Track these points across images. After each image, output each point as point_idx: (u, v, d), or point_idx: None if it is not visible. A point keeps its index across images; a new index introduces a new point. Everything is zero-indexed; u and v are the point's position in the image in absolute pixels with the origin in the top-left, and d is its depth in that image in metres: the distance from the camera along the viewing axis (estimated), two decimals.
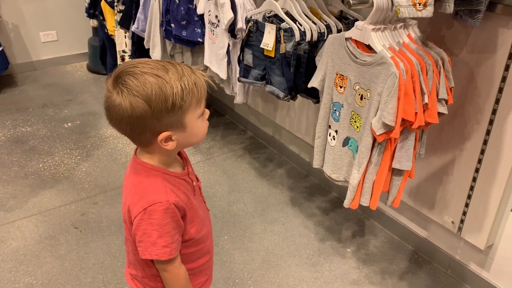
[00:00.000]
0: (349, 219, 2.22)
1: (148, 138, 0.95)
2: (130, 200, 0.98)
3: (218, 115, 3.25)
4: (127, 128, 0.94)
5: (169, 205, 0.95)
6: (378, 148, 1.41)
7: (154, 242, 0.96)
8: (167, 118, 0.92)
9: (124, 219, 1.04)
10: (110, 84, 0.93)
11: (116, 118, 0.93)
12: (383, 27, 1.36)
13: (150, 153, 1.00)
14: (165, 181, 0.99)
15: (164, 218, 0.95)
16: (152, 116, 0.91)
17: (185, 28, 2.34)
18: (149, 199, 0.95)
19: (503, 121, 1.50)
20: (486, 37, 1.46)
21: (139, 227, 0.96)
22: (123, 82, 0.90)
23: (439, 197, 1.78)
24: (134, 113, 0.90)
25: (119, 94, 0.90)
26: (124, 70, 0.92)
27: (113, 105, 0.91)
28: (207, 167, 2.63)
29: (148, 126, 0.93)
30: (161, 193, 0.96)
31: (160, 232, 0.95)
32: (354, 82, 1.44)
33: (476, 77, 1.52)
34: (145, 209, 0.94)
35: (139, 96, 0.89)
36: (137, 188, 0.98)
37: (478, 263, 1.80)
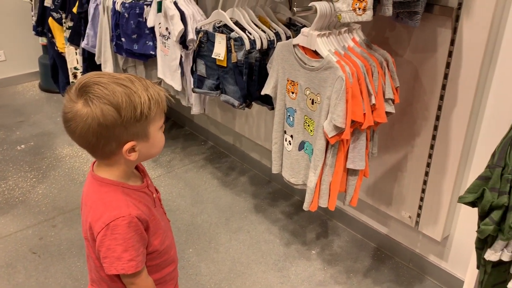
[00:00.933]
0: (313, 221, 2.25)
1: (112, 148, 0.95)
2: (91, 217, 0.98)
3: (177, 127, 3.22)
4: (93, 138, 0.92)
5: (132, 218, 0.96)
6: (332, 150, 1.45)
7: (119, 257, 0.96)
8: (134, 127, 0.94)
9: (85, 237, 1.03)
10: (73, 94, 0.92)
11: (81, 129, 0.92)
12: (328, 32, 1.39)
13: (110, 166, 0.99)
14: (125, 195, 0.99)
15: (127, 232, 0.95)
16: (121, 125, 0.92)
17: (136, 41, 2.32)
18: (111, 214, 0.95)
19: (448, 116, 1.56)
20: (426, 37, 1.53)
21: (103, 243, 0.96)
22: (91, 91, 0.90)
23: (396, 193, 1.84)
24: (104, 121, 0.90)
25: (87, 103, 0.90)
26: (90, 81, 0.92)
27: (79, 115, 0.91)
28: (169, 180, 2.61)
29: (115, 135, 0.93)
30: (123, 207, 0.96)
31: (124, 247, 0.96)
32: (304, 87, 1.47)
33: (421, 76, 1.59)
34: (108, 225, 0.94)
35: (110, 104, 0.90)
36: (97, 205, 0.98)
37: (437, 254, 1.86)
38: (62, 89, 3.02)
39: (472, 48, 1.42)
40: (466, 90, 1.48)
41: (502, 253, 1.09)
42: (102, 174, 1.00)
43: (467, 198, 1.09)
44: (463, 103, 1.50)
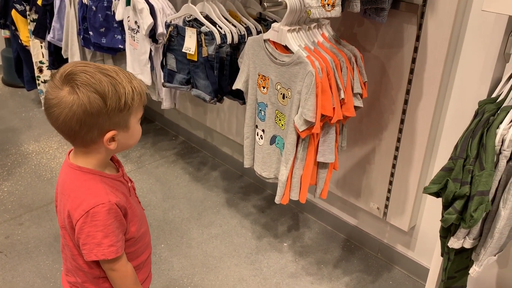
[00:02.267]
0: (284, 214, 2.28)
1: (94, 136, 0.97)
2: (70, 205, 0.99)
3: (148, 122, 3.19)
4: (76, 125, 0.93)
5: (112, 205, 0.98)
6: (302, 144, 1.47)
7: (99, 243, 0.98)
8: (117, 117, 0.96)
9: (62, 226, 1.04)
10: (57, 81, 0.93)
11: (66, 115, 0.92)
12: (298, 27, 1.41)
13: (88, 154, 1.01)
14: (103, 183, 1.01)
15: (107, 218, 0.97)
16: (105, 114, 0.94)
17: (105, 35, 2.28)
18: (91, 202, 0.97)
19: (414, 110, 1.61)
20: (393, 33, 1.57)
21: (83, 230, 0.97)
22: (77, 79, 0.92)
23: (364, 185, 1.88)
24: (89, 109, 0.92)
25: (74, 90, 0.91)
26: (76, 69, 0.93)
27: (64, 102, 0.92)
28: (139, 176, 2.58)
29: (98, 124, 0.95)
30: (102, 195, 0.98)
31: (105, 233, 0.98)
32: (275, 82, 1.48)
33: (388, 71, 1.63)
34: (88, 212, 0.96)
35: (96, 92, 0.92)
36: (76, 193, 0.99)
37: (404, 244, 1.92)
38: (26, 84, 2.94)
39: (436, 44, 1.47)
40: (431, 85, 1.53)
41: (464, 241, 1.14)
42: (79, 163, 1.01)
43: (432, 189, 1.13)
44: (428, 97, 1.55)
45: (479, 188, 1.04)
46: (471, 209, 1.05)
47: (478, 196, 1.04)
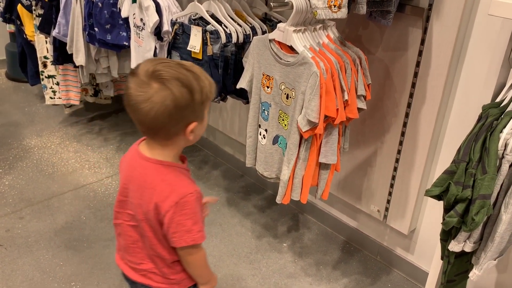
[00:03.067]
0: (284, 215, 2.29)
1: (178, 129, 1.01)
2: (156, 198, 1.03)
3: None
4: (166, 119, 0.97)
5: (198, 194, 1.05)
6: (305, 144, 1.47)
7: (189, 230, 1.04)
8: (199, 109, 1.02)
9: (142, 218, 1.08)
10: (144, 78, 0.96)
11: (157, 110, 0.95)
12: (304, 28, 1.42)
13: (167, 146, 1.04)
14: (183, 174, 1.07)
15: (195, 206, 1.04)
16: (191, 106, 0.99)
17: (110, 32, 2.29)
18: (179, 192, 1.02)
19: (417, 113, 1.61)
20: (398, 36, 1.57)
21: (173, 220, 1.02)
22: (165, 75, 0.96)
23: (365, 187, 1.89)
24: (179, 103, 0.96)
25: (165, 85, 0.95)
26: (158, 66, 0.97)
27: (155, 97, 0.95)
28: None
29: (184, 116, 0.99)
30: (188, 185, 1.04)
31: (194, 220, 1.04)
32: (279, 82, 1.49)
33: (392, 74, 1.63)
34: (177, 203, 1.01)
35: (185, 86, 0.97)
36: (162, 186, 1.03)
37: (404, 247, 1.92)
38: (30, 78, 2.94)
39: (441, 48, 1.48)
40: (434, 89, 1.54)
41: (465, 244, 1.15)
42: (157, 156, 1.05)
43: (434, 192, 1.13)
44: (432, 101, 1.56)
45: (481, 192, 1.04)
46: (473, 212, 1.05)
47: (480, 200, 1.04)
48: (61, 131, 2.97)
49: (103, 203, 2.32)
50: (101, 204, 2.31)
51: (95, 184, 2.47)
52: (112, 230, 2.13)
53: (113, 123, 3.12)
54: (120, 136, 2.96)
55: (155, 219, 1.06)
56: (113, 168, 2.61)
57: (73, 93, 2.74)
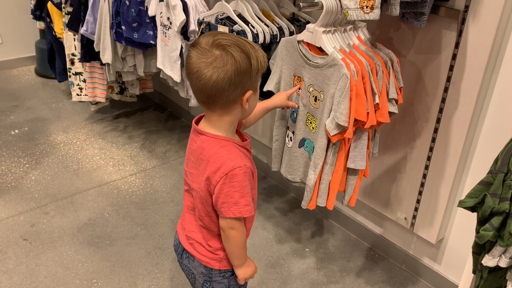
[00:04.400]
0: (307, 219, 2.25)
1: (236, 96, 1.05)
2: (209, 169, 1.08)
3: (174, 118, 3.20)
4: (226, 85, 1.01)
5: (247, 168, 1.08)
6: (332, 148, 1.43)
7: (237, 202, 1.08)
8: (254, 78, 1.06)
9: (195, 189, 1.14)
10: (205, 47, 1.02)
11: (218, 75, 1.00)
12: (334, 29, 1.38)
13: (222, 117, 1.09)
14: (236, 149, 1.11)
15: (244, 180, 1.07)
16: (249, 73, 1.04)
17: (137, 30, 2.29)
18: (229, 165, 1.06)
19: (449, 119, 1.55)
20: (431, 38, 1.52)
21: (222, 191, 1.07)
22: (225, 43, 1.02)
23: (393, 194, 1.83)
24: (239, 68, 1.02)
25: (226, 51, 1.01)
26: (217, 37, 1.03)
27: (219, 61, 1.00)
28: (164, 172, 2.59)
29: (242, 83, 1.04)
30: (238, 159, 1.07)
31: (241, 193, 1.08)
32: (308, 84, 1.45)
33: (424, 77, 1.58)
34: (227, 174, 1.06)
35: (244, 52, 1.02)
36: (214, 158, 1.08)
37: (431, 257, 1.86)
38: (58, 75, 2.98)
39: (476, 52, 1.42)
40: (468, 94, 1.47)
41: (500, 259, 1.09)
42: (214, 130, 1.10)
43: (468, 203, 1.08)
44: (465, 106, 1.50)
45: None
46: (510, 227, 1.00)
47: None
48: (87, 128, 3.00)
49: (126, 201, 2.33)
50: (124, 202, 2.32)
51: (118, 181, 2.48)
52: (134, 228, 2.14)
53: (137, 121, 3.13)
54: (145, 134, 2.97)
55: (206, 190, 1.11)
56: (137, 166, 2.62)
57: (99, 91, 2.76)
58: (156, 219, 2.21)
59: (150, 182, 2.49)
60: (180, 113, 3.20)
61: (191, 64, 1.04)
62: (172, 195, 2.39)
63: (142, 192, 2.41)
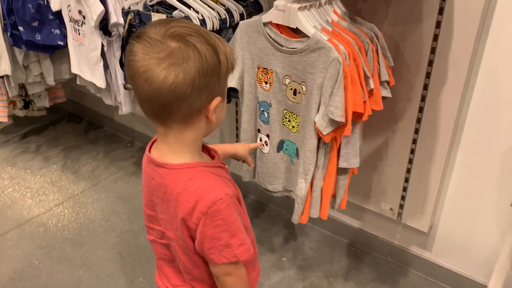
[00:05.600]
0: (275, 223, 2.01)
1: (201, 103, 0.80)
2: (181, 211, 0.83)
3: (95, 128, 2.76)
4: (187, 89, 0.76)
5: (230, 198, 0.83)
6: (323, 149, 1.20)
7: (228, 244, 0.84)
8: (223, 80, 0.82)
9: (172, 237, 0.89)
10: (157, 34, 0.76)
11: (175, 77, 0.75)
12: (309, 4, 1.12)
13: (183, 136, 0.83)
14: (210, 175, 0.86)
15: (230, 214, 0.83)
16: (217, 73, 0.79)
17: (39, 30, 1.86)
18: (206, 200, 0.82)
19: (436, 95, 1.38)
20: (409, 6, 1.32)
21: (205, 235, 0.83)
22: (183, 31, 0.77)
23: (374, 185, 1.65)
24: (205, 65, 0.77)
25: (186, 42, 0.76)
26: (171, 23, 0.78)
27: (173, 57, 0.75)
28: (96, 195, 2.19)
29: (209, 86, 0.79)
30: (216, 189, 0.83)
31: (231, 232, 0.84)
32: (282, 76, 1.19)
33: (403, 51, 1.38)
34: (206, 213, 0.82)
35: (210, 45, 0.78)
36: (185, 197, 0.83)
37: (419, 244, 1.72)
38: None
39: (466, 16, 1.24)
40: (457, 65, 1.31)
41: None
42: (174, 158, 0.85)
43: None
44: (454, 79, 1.33)
45: None
46: None
47: None
48: None
49: (58, 239, 1.91)
50: (55, 241, 1.90)
51: (43, 216, 2.04)
52: (75, 272, 1.76)
53: (51, 137, 2.66)
54: (64, 152, 2.52)
55: (186, 236, 0.87)
56: (62, 193, 2.19)
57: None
58: (99, 256, 1.84)
59: (83, 211, 2.08)
60: (102, 121, 2.77)
61: (135, 62, 0.76)
62: (113, 223, 2.01)
63: (75, 224, 2.00)
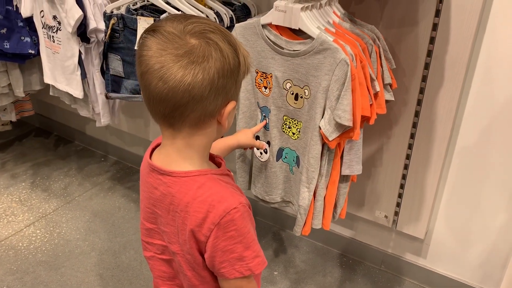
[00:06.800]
0: (264, 235, 1.94)
1: (215, 108, 0.74)
2: (191, 223, 0.77)
3: (65, 143, 2.61)
4: (204, 90, 0.71)
5: (243, 207, 0.78)
6: (327, 155, 1.14)
7: (241, 257, 0.78)
8: (239, 82, 0.77)
9: (178, 252, 0.82)
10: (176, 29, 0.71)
11: (193, 77, 0.69)
12: (311, 5, 1.07)
13: (192, 141, 0.77)
14: (220, 182, 0.80)
15: (243, 224, 0.77)
16: (236, 74, 0.74)
17: (7, 38, 1.74)
18: (219, 210, 0.75)
19: (432, 99, 1.36)
20: (405, 8, 1.30)
21: (217, 248, 0.77)
22: (204, 28, 0.71)
23: (368, 192, 1.61)
24: (226, 65, 0.71)
25: (207, 39, 0.70)
26: (190, 19, 0.73)
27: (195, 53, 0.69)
28: (70, 213, 2.05)
29: (226, 88, 0.73)
30: (229, 197, 0.77)
31: (245, 243, 0.78)
32: (283, 80, 1.13)
33: (398, 54, 1.36)
34: (219, 224, 0.75)
35: (232, 45, 0.73)
36: (195, 207, 0.77)
37: (414, 252, 1.69)
38: None
39: (462, 19, 1.23)
40: (455, 67, 1.29)
41: None
42: (181, 165, 0.78)
43: None
44: (452, 82, 1.31)
45: None
46: None
47: None
48: None
49: (31, 263, 1.76)
50: (27, 265, 1.75)
51: (12, 238, 1.89)
52: None
53: (18, 153, 2.49)
54: (32, 169, 2.36)
55: (194, 250, 0.80)
56: (33, 213, 2.04)
57: None
58: (78, 279, 1.70)
59: (57, 231, 1.94)
60: (72, 135, 2.62)
61: (150, 57, 0.70)
62: (90, 242, 1.88)
63: (49, 246, 1.86)
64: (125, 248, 1.86)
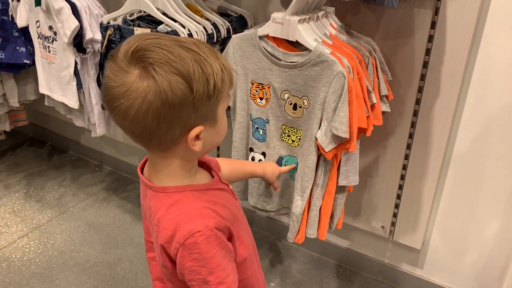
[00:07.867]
0: (260, 246, 1.93)
1: (174, 136, 0.73)
2: (161, 238, 0.78)
3: (59, 153, 2.60)
4: (153, 122, 0.70)
5: (210, 231, 0.76)
6: (323, 166, 1.14)
7: (205, 280, 0.77)
8: (204, 107, 0.73)
9: (157, 261, 0.85)
10: (122, 61, 0.69)
11: (138, 109, 0.68)
12: (308, 17, 1.08)
13: (166, 161, 0.78)
14: (197, 200, 0.79)
15: (208, 250, 0.76)
16: (191, 103, 0.70)
17: (2, 48, 1.73)
18: (183, 230, 0.75)
19: (428, 110, 1.37)
20: (400, 20, 1.31)
21: (184, 267, 0.77)
22: (151, 56, 0.68)
23: (366, 202, 1.61)
24: (171, 98, 0.68)
25: (148, 72, 0.68)
26: (145, 43, 0.69)
27: (134, 90, 0.68)
28: (65, 224, 2.03)
29: (181, 117, 0.71)
30: (197, 219, 0.76)
31: (208, 268, 0.77)
32: (281, 91, 1.13)
33: (394, 66, 1.36)
34: (183, 244, 0.75)
35: (179, 74, 0.68)
36: (164, 223, 0.77)
37: (411, 262, 1.69)
38: None
39: (458, 30, 1.24)
40: (451, 78, 1.30)
41: None
42: (161, 179, 0.79)
43: None
44: (448, 93, 1.32)
45: None
46: None
47: None
48: None
49: (24, 275, 1.74)
50: (21, 277, 1.73)
51: (6, 250, 1.87)
52: None
53: (11, 163, 2.47)
54: (26, 179, 2.34)
55: (168, 262, 0.80)
56: (27, 224, 2.02)
57: None
58: None
59: (51, 242, 1.92)
60: (67, 145, 2.61)
61: (105, 87, 0.72)
62: (85, 254, 1.86)
63: (43, 257, 1.84)
64: (120, 259, 1.84)
